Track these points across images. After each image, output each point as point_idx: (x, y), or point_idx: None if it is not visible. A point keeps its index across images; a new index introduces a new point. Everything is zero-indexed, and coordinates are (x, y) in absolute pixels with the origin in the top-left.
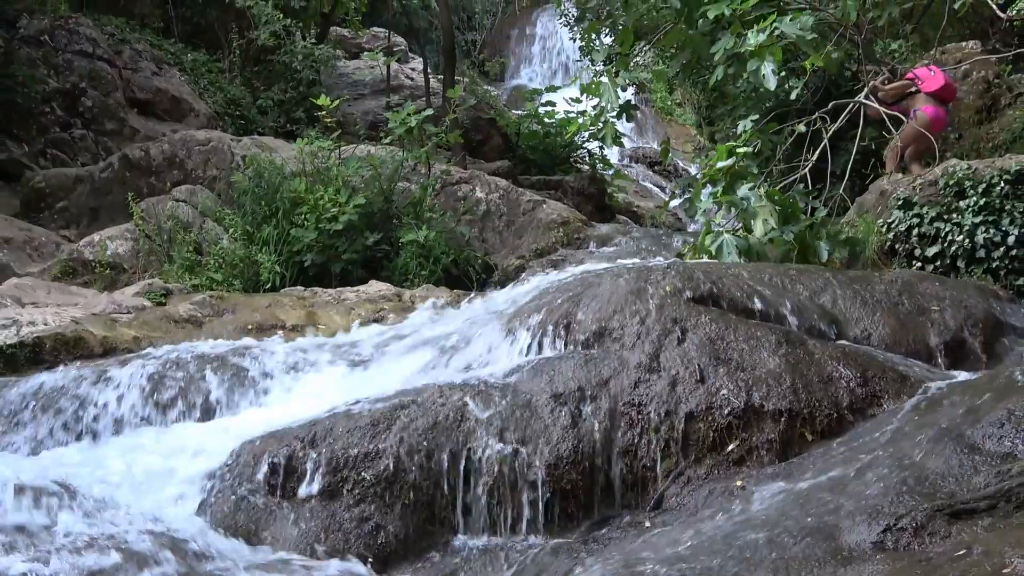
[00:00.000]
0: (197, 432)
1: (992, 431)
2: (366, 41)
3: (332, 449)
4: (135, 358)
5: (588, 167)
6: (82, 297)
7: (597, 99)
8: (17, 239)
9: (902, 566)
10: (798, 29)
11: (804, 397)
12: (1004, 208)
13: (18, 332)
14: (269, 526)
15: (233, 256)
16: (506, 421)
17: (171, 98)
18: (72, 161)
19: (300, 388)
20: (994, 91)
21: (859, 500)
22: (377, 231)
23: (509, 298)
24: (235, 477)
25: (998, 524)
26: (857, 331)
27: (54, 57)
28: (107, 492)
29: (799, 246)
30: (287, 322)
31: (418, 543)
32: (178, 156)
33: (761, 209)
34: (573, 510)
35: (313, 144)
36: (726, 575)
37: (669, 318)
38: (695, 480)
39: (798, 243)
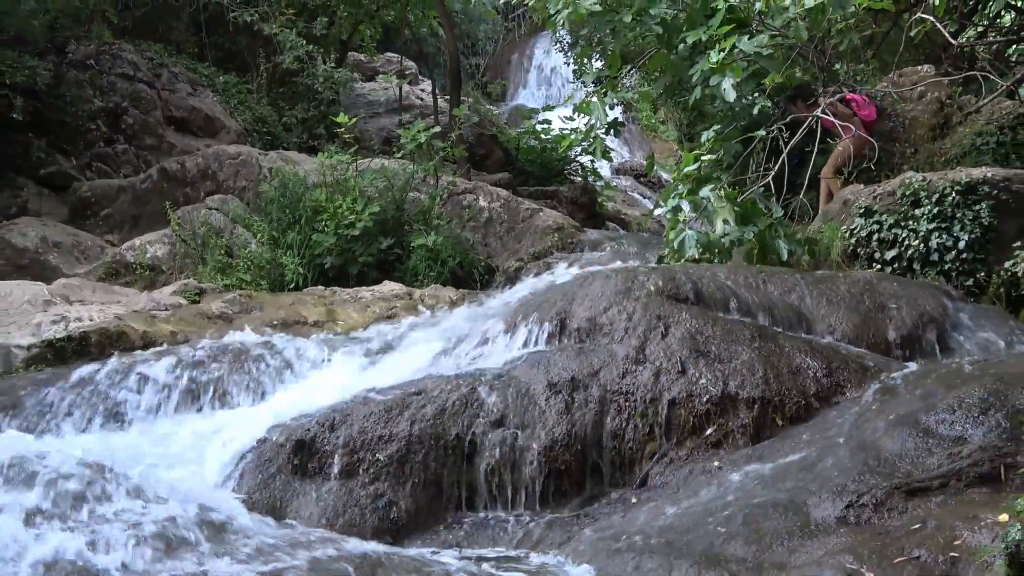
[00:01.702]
0: (228, 418)
1: (944, 417)
2: (381, 65)
3: (350, 433)
4: (172, 351)
5: (581, 179)
6: (124, 296)
7: (588, 117)
8: (66, 243)
9: (863, 538)
10: (755, 47)
11: (775, 386)
12: (955, 216)
13: (66, 327)
14: (293, 502)
15: (260, 259)
16: (506, 408)
17: (205, 116)
18: (115, 173)
19: (321, 378)
20: (946, 110)
21: (824, 479)
22: (390, 236)
23: (509, 297)
24: (262, 458)
25: (950, 501)
26: (823, 327)
27: (99, 79)
28: (147, 472)
29: (760, 245)
30: (309, 318)
31: (427, 517)
32: (211, 169)
33: (721, 209)
34: (567, 488)
35: (333, 158)
36: (705, 545)
37: (654, 315)
38: (677, 461)
39: (759, 242)
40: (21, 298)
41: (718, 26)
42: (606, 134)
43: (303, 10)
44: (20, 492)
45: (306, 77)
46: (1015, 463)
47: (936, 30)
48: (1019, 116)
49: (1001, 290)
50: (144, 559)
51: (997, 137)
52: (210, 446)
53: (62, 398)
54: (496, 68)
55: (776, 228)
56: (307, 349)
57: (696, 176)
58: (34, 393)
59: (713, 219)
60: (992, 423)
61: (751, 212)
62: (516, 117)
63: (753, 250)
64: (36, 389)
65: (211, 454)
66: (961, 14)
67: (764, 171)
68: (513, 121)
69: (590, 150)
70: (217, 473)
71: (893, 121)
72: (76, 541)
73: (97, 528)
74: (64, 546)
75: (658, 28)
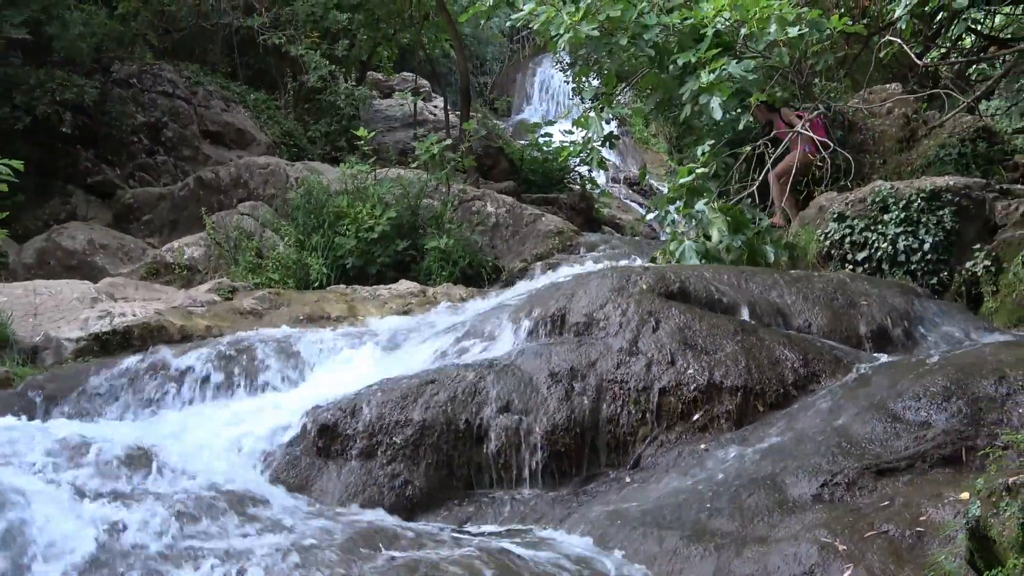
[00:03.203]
0: (258, 404)
1: (911, 403)
2: (397, 83)
3: (369, 418)
4: (207, 343)
5: (579, 187)
6: (164, 293)
7: (586, 130)
8: (111, 246)
9: (837, 515)
10: (741, 71)
11: (756, 376)
12: (920, 221)
13: (111, 322)
14: (317, 481)
15: (288, 260)
16: (511, 395)
17: (237, 130)
18: (156, 182)
19: (343, 368)
20: (912, 124)
21: (801, 460)
22: (406, 239)
23: (514, 294)
24: (290, 441)
25: (916, 480)
26: (800, 321)
27: (141, 96)
28: (184, 453)
29: (749, 250)
30: (332, 314)
31: (439, 495)
32: (243, 178)
33: (715, 220)
34: (566, 468)
35: (353, 168)
36: (693, 519)
37: (646, 310)
38: (667, 444)
39: (748, 248)
40: (71, 295)
41: (706, 49)
42: (602, 146)
43: (326, 33)
44: (68, 471)
45: (329, 94)
46: (975, 446)
47: (903, 51)
48: (979, 130)
49: (962, 288)
50: (179, 531)
51: (959, 149)
52: (242, 430)
53: (107, 386)
54: (502, 86)
55: (763, 235)
56: (330, 341)
57: (690, 187)
58: (82, 382)
59: (708, 229)
60: (954, 409)
61: (740, 221)
62: (520, 130)
63: (743, 256)
64: (84, 378)
65: (243, 437)
66: (926, 37)
67: (749, 181)
68: (518, 134)
69: (587, 160)
70: (248, 455)
71: (864, 134)
72: (117, 514)
73: (136, 504)
74: (107, 519)
75: (651, 51)
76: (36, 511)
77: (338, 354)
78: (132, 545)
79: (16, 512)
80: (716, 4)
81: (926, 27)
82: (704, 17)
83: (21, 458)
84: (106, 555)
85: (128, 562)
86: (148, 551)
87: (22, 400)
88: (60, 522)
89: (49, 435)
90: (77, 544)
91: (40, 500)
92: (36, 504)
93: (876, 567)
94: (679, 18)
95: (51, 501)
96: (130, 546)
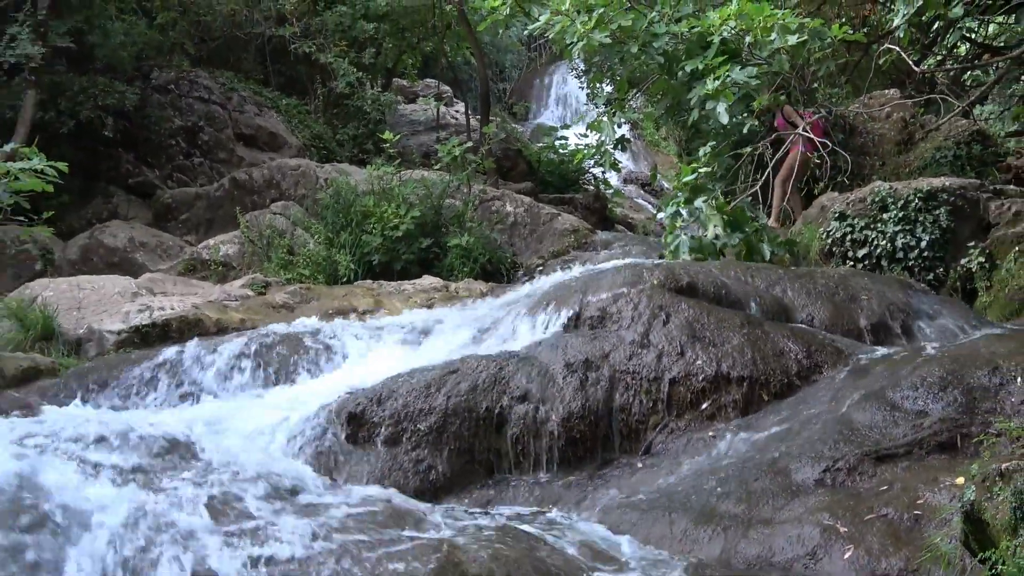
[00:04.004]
0: (290, 393)
1: (909, 393)
2: (421, 89)
3: (395, 406)
4: (242, 336)
5: (593, 187)
6: (200, 288)
7: (599, 134)
8: (151, 243)
9: (838, 498)
10: (745, 77)
11: (761, 367)
12: (918, 219)
13: (151, 315)
14: (346, 466)
15: (318, 256)
16: (529, 385)
17: (269, 133)
18: (193, 183)
19: (370, 358)
20: (910, 128)
21: (804, 447)
22: (429, 237)
23: (532, 289)
24: (320, 428)
25: (913, 466)
26: (803, 315)
27: (179, 102)
28: (219, 439)
29: (747, 247)
30: (359, 307)
31: (461, 479)
32: (275, 179)
33: (712, 217)
34: (581, 454)
35: (380, 169)
36: (701, 503)
37: (657, 305)
38: (676, 431)
39: (746, 245)
40: (112, 290)
41: (712, 56)
42: (614, 149)
43: (354, 42)
44: (108, 456)
45: (356, 100)
46: (970, 433)
47: (901, 59)
48: (973, 133)
49: (957, 283)
50: (214, 513)
51: (954, 151)
52: (274, 417)
53: (147, 376)
54: (520, 92)
55: (761, 233)
56: (358, 333)
57: (693, 185)
58: (123, 372)
59: (705, 225)
60: (950, 398)
61: (740, 219)
62: (537, 134)
63: (741, 252)
64: (125, 368)
65: (275, 424)
66: (923, 45)
67: (752, 182)
68: (535, 137)
69: (601, 162)
70: (280, 441)
71: (864, 137)
72: (155, 497)
73: (172, 489)
74: (144, 504)
75: (660, 58)
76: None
77: (366, 345)
78: (168, 526)
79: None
80: (722, 13)
81: (923, 36)
82: (711, 26)
83: (65, 443)
84: (143, 536)
85: (164, 542)
86: (183, 532)
87: (67, 388)
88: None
89: (92, 422)
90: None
91: (81, 484)
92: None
93: (875, 548)
94: (687, 27)
95: (92, 485)
96: (166, 527)
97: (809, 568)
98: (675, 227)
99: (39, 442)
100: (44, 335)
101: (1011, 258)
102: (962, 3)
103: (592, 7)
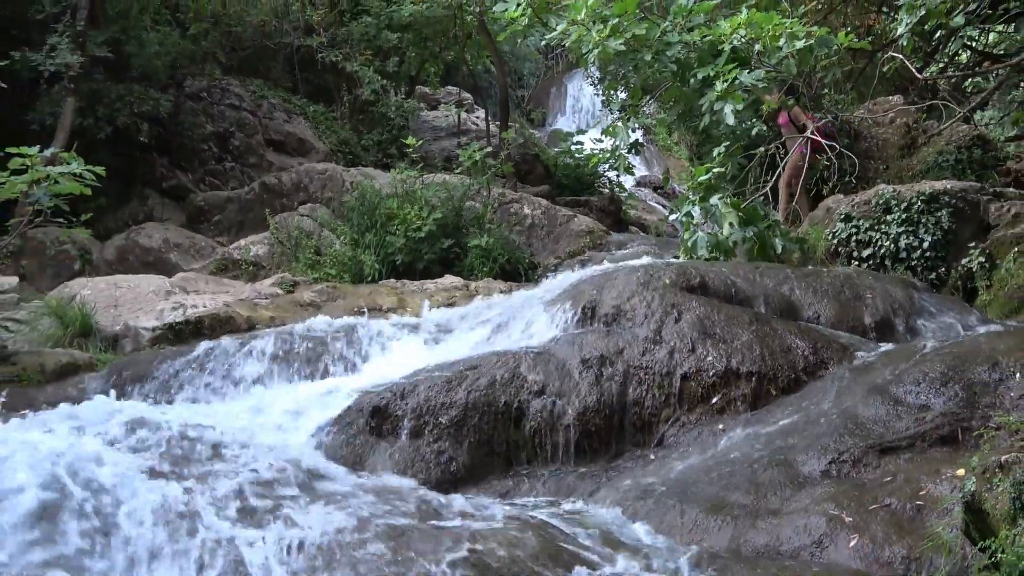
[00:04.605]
0: (317, 387)
1: (911, 388)
2: (442, 96)
3: (417, 400)
4: (271, 332)
5: (608, 190)
6: (231, 287)
7: (614, 139)
8: (184, 244)
9: (843, 489)
10: (753, 80)
11: (769, 362)
12: (920, 221)
13: (184, 313)
14: (370, 458)
15: (343, 256)
16: (547, 380)
17: (298, 139)
18: (224, 186)
19: (393, 354)
20: (912, 133)
21: (811, 440)
22: (450, 238)
23: (549, 288)
24: (345, 422)
25: (916, 458)
26: (810, 313)
27: (211, 109)
28: (250, 431)
29: (760, 242)
30: (383, 305)
31: (480, 471)
32: (303, 182)
33: (727, 214)
34: (596, 446)
35: (403, 173)
36: (712, 493)
37: (669, 303)
38: (688, 424)
39: (758, 240)
40: (147, 289)
41: (723, 64)
42: (628, 153)
43: (379, 51)
44: (143, 448)
45: (381, 107)
46: (970, 427)
47: (905, 66)
48: (974, 138)
49: (958, 283)
50: (244, 503)
51: (955, 155)
52: (303, 411)
53: (179, 371)
54: (538, 98)
55: (773, 228)
56: (382, 330)
57: (707, 185)
58: (157, 367)
59: (721, 222)
60: (951, 393)
61: (752, 216)
62: (554, 139)
63: (753, 247)
64: (159, 364)
65: (303, 418)
66: (925, 53)
67: (763, 182)
68: (552, 142)
69: (616, 166)
70: (308, 433)
71: (868, 142)
72: (187, 487)
73: (203, 478)
74: (177, 491)
75: (673, 66)
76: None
77: (390, 342)
78: (200, 515)
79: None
80: (733, 22)
81: (926, 44)
82: (722, 34)
83: (102, 435)
84: (175, 525)
85: (195, 530)
86: (215, 521)
87: (104, 383)
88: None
89: (127, 414)
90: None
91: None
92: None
93: (879, 537)
94: (699, 35)
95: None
96: (198, 516)
97: (815, 556)
98: (691, 225)
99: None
100: (82, 332)
101: (1010, 258)
102: (963, 12)
103: (607, 17)
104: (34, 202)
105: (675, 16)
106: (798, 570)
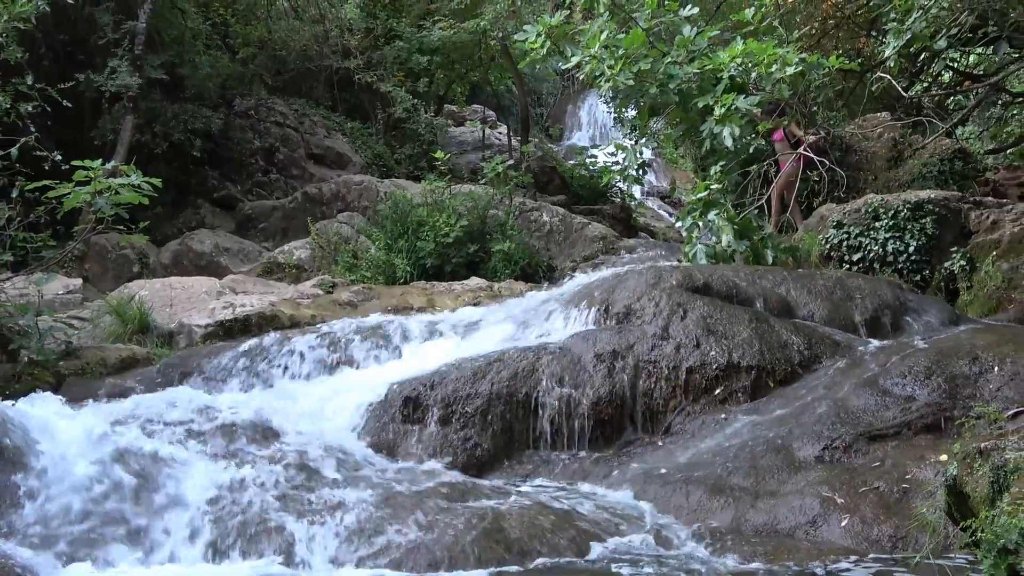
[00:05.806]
0: (354, 379)
1: (898, 380)
2: (468, 114)
3: (445, 391)
4: (313, 329)
5: (620, 200)
6: (276, 288)
7: (625, 155)
8: (233, 248)
9: (836, 473)
10: (748, 105)
11: (768, 357)
12: (906, 227)
13: (234, 311)
14: (402, 444)
15: (378, 260)
16: (563, 372)
17: (336, 153)
18: (269, 196)
19: (423, 349)
20: (899, 147)
21: (806, 427)
22: (476, 243)
23: (566, 289)
24: (380, 410)
25: (903, 445)
26: (804, 312)
27: (258, 126)
28: (293, 420)
29: (753, 253)
30: (414, 305)
31: (502, 456)
32: (341, 192)
33: (724, 227)
34: (609, 434)
35: (432, 184)
36: (714, 477)
37: (675, 302)
38: (692, 414)
39: (752, 251)
40: (200, 290)
41: (722, 92)
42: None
43: (410, 73)
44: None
45: (412, 123)
46: (952, 416)
47: (892, 85)
48: (955, 151)
49: (941, 284)
50: (288, 484)
51: (938, 167)
52: (341, 401)
53: (230, 365)
54: (556, 116)
55: (765, 240)
56: (413, 327)
57: (706, 201)
58: (209, 361)
59: (719, 235)
60: (935, 385)
61: (747, 228)
62: (571, 153)
63: (749, 257)
64: (211, 357)
65: (341, 407)
66: (911, 73)
67: (758, 196)
68: (568, 155)
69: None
70: (346, 421)
71: (858, 155)
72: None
73: (253, 460)
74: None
75: (676, 97)
76: (172, 466)
77: (420, 338)
78: (248, 494)
79: (155, 468)
80: (731, 52)
81: (911, 65)
82: (721, 64)
83: (161, 423)
84: (226, 503)
85: (245, 508)
86: (262, 499)
87: (161, 375)
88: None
89: (183, 404)
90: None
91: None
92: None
93: (869, 517)
94: (699, 66)
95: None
96: (247, 495)
97: (810, 534)
98: (692, 238)
99: (136, 419)
100: (140, 329)
101: (989, 261)
102: (946, 36)
103: (618, 43)
104: (97, 210)
105: (678, 48)
106: (793, 546)
